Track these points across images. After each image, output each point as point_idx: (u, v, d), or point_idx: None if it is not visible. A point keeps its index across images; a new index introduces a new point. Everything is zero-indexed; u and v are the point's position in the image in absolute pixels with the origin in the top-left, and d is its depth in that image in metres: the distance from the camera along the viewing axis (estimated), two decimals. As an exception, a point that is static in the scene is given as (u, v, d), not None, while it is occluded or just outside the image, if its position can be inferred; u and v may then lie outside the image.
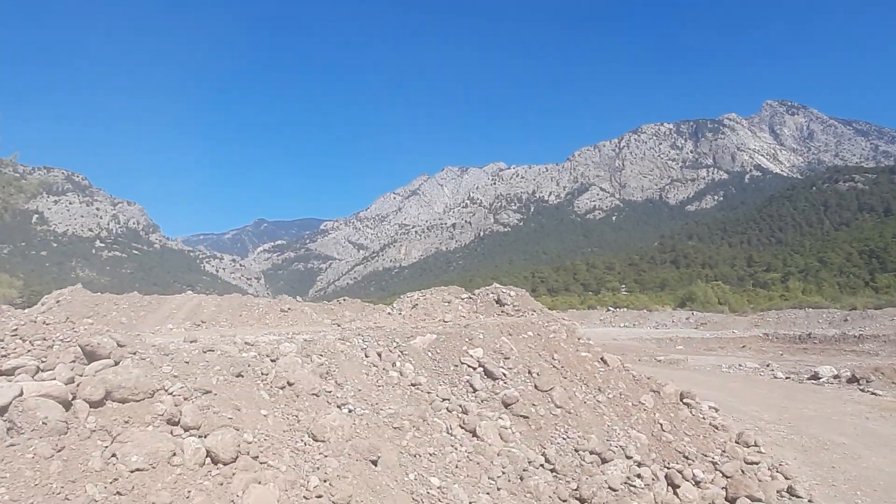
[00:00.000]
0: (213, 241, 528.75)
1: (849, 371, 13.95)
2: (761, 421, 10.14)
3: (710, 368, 16.02)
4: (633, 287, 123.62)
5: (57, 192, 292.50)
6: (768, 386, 13.64)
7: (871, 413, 10.60)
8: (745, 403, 11.56)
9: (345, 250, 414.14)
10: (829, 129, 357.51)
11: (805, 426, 9.75)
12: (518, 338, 9.50)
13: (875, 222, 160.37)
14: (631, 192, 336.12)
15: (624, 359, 15.89)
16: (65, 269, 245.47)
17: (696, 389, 12.95)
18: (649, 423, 8.50)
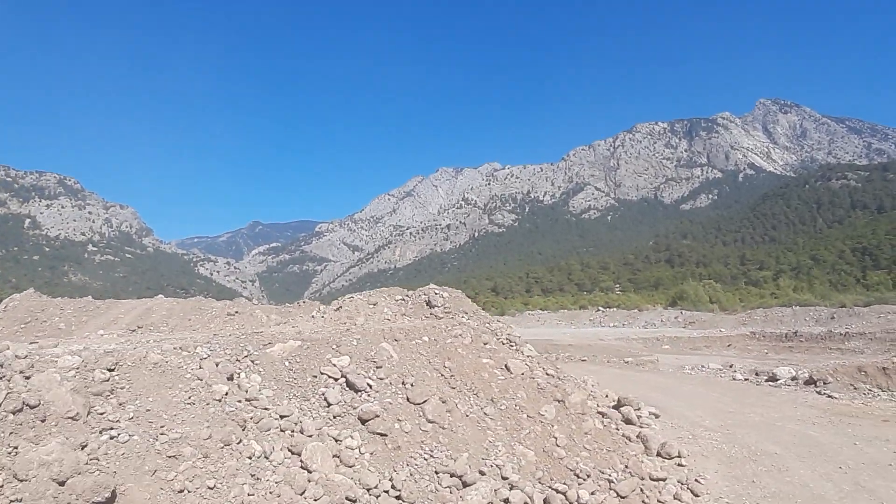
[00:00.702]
0: (207, 244, 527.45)
1: (807, 372, 13.57)
2: (700, 427, 9.70)
3: (673, 370, 15.60)
4: (628, 286, 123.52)
5: (49, 197, 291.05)
6: (724, 389, 13.21)
7: (820, 418, 10.05)
8: (691, 408, 11.10)
9: (340, 252, 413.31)
10: (822, 127, 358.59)
11: (742, 433, 9.24)
12: (407, 343, 8.69)
13: (868, 220, 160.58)
14: (626, 192, 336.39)
15: (595, 359, 15.32)
16: (57, 273, 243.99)
17: (649, 394, 12.50)
18: (543, 438, 7.76)
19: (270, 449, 6.26)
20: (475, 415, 7.75)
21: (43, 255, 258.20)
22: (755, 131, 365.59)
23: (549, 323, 47.17)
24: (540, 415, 8.18)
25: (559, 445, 7.71)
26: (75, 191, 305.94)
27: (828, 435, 8.87)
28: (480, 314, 11.37)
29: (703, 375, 15.22)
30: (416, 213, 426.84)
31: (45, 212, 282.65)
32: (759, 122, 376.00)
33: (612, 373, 15.50)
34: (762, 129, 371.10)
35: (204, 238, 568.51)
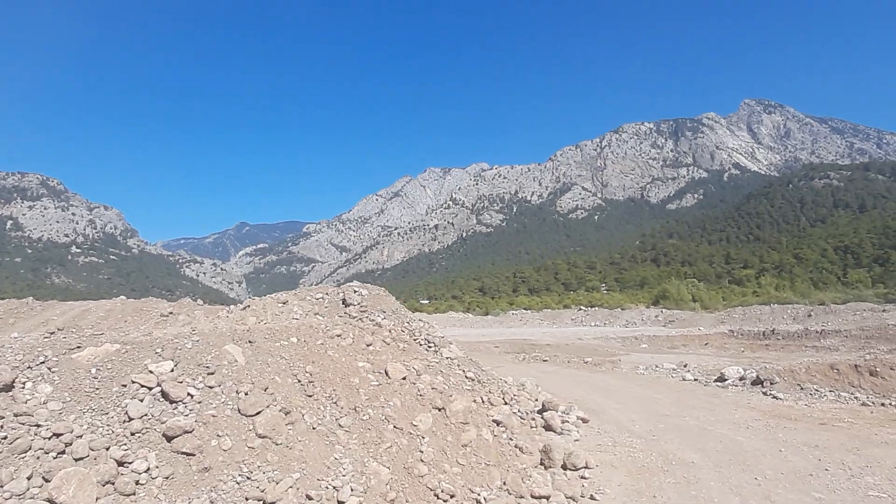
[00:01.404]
0: (194, 245, 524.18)
1: (754, 372, 13.44)
2: (626, 433, 9.28)
3: (629, 370, 15.47)
4: (614, 286, 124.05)
5: (32, 198, 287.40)
6: (670, 390, 12.94)
7: (757, 421, 9.66)
8: (627, 411, 10.73)
9: (327, 253, 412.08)
10: (805, 127, 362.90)
11: (668, 439, 8.78)
12: (266, 345, 7.74)
13: (850, 218, 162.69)
14: (613, 192, 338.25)
15: (562, 359, 15.07)
16: (40, 275, 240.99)
17: (591, 396, 12.25)
18: (407, 452, 6.88)
19: (10, 477, 5.07)
20: (325, 427, 6.80)
21: (25, 258, 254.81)
22: (740, 131, 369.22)
23: (532, 322, 47.13)
24: (412, 425, 7.38)
25: (424, 461, 6.85)
26: (58, 192, 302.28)
27: (756, 441, 8.39)
28: (401, 313, 10.94)
29: (654, 376, 14.97)
30: (404, 213, 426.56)
31: (27, 213, 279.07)
32: (744, 123, 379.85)
33: (567, 373, 15.34)
34: (747, 129, 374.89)
35: (190, 239, 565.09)
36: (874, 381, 18.62)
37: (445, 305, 75.89)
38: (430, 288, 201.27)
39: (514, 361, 18.72)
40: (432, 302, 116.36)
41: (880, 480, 7.02)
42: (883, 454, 7.78)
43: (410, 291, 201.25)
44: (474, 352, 21.51)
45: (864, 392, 13.86)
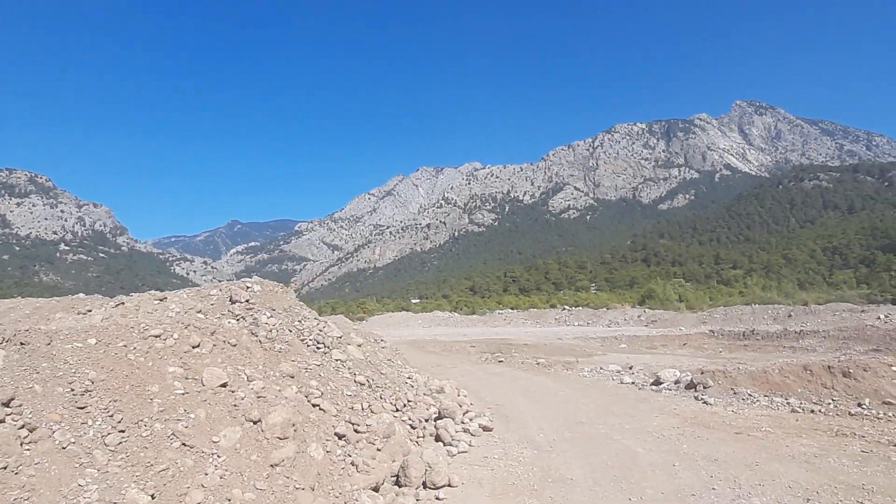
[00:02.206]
0: (185, 243, 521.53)
1: (689, 375, 13.12)
2: (524, 444, 8.56)
3: (573, 372, 15.16)
4: (603, 285, 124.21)
5: (20, 195, 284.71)
6: (601, 394, 12.41)
7: (671, 430, 8.98)
8: (542, 418, 10.14)
9: (319, 251, 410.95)
10: (795, 128, 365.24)
11: (563, 451, 8.08)
12: (44, 348, 6.52)
13: (839, 219, 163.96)
14: (605, 192, 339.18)
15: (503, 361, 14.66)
16: (28, 273, 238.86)
17: (515, 400, 11.88)
18: (187, 475, 5.77)
19: None
20: (80, 447, 5.62)
21: (13, 255, 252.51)
22: (731, 132, 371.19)
23: (516, 322, 46.92)
24: (211, 442, 6.32)
25: (206, 485, 5.75)
26: (47, 189, 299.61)
27: (656, 453, 7.85)
28: (294, 311, 10.38)
29: (595, 379, 14.56)
30: (396, 212, 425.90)
31: (15, 210, 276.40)
32: (735, 124, 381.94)
33: (511, 375, 15.00)
34: (738, 130, 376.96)
35: (181, 237, 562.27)
36: (847, 383, 18.55)
37: (433, 305, 75.69)
38: (421, 287, 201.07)
39: (475, 362, 18.38)
40: (422, 301, 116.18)
41: (768, 501, 6.22)
42: (782, 470, 7.09)
43: (402, 290, 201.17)
44: (447, 352, 21.28)
45: (812, 396, 13.52)
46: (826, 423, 9.33)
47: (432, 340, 26.13)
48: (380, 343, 12.41)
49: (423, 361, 19.20)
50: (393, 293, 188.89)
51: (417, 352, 21.54)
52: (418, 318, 53.99)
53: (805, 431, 8.80)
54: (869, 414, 9.60)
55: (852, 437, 8.32)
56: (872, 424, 9.18)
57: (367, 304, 77.21)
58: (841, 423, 9.32)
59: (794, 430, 8.93)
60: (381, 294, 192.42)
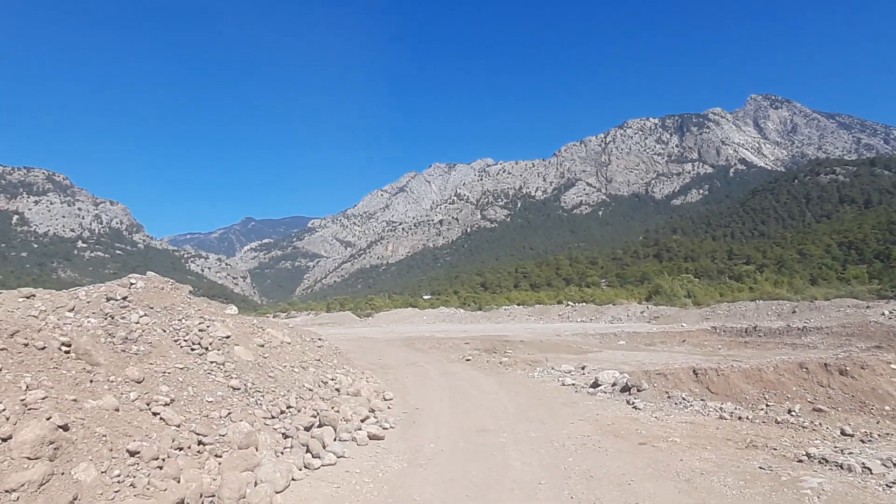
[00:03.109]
0: (199, 240, 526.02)
1: (626, 377, 12.67)
2: (404, 455, 7.88)
3: (521, 374, 14.73)
4: (614, 281, 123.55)
5: (37, 193, 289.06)
6: (530, 398, 11.40)
7: (576, 440, 8.26)
8: (449, 424, 9.44)
9: (332, 248, 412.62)
10: (812, 122, 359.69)
11: (436, 464, 7.40)
12: None
13: (855, 214, 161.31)
14: (617, 187, 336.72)
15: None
16: (46, 270, 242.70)
17: (436, 404, 11.32)
18: None
19: None
20: None
21: (31, 252, 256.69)
22: (746, 126, 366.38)
23: (520, 318, 46.81)
24: None
25: None
26: (64, 187, 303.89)
27: (534, 468, 7.11)
28: (175, 309, 9.90)
29: (539, 380, 14.07)
30: (408, 208, 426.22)
31: (33, 208, 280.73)
32: (750, 118, 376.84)
33: (464, 376, 14.74)
34: (753, 124, 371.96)
35: (196, 234, 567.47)
36: (844, 381, 18.24)
37: (440, 301, 75.70)
38: (433, 283, 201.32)
39: (446, 360, 18.24)
40: (433, 297, 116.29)
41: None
42: (652, 491, 6.38)
43: (414, 287, 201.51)
44: (435, 349, 21.27)
45: (754, 401, 12.93)
46: (745, 433, 8.63)
47: (430, 337, 26.12)
48: (314, 342, 12.26)
49: (397, 358, 19.21)
50: (405, 289, 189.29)
51: (401, 349, 21.55)
52: (424, 314, 54.11)
53: (715, 442, 8.08)
54: (795, 422, 8.87)
55: (762, 450, 7.60)
56: (792, 434, 8.43)
57: (375, 301, 77.47)
58: (760, 433, 8.64)
59: (705, 440, 8.23)
60: (393, 290, 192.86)
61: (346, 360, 13.21)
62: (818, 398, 17.77)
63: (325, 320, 57.94)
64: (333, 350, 12.83)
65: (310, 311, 78.76)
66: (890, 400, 17.22)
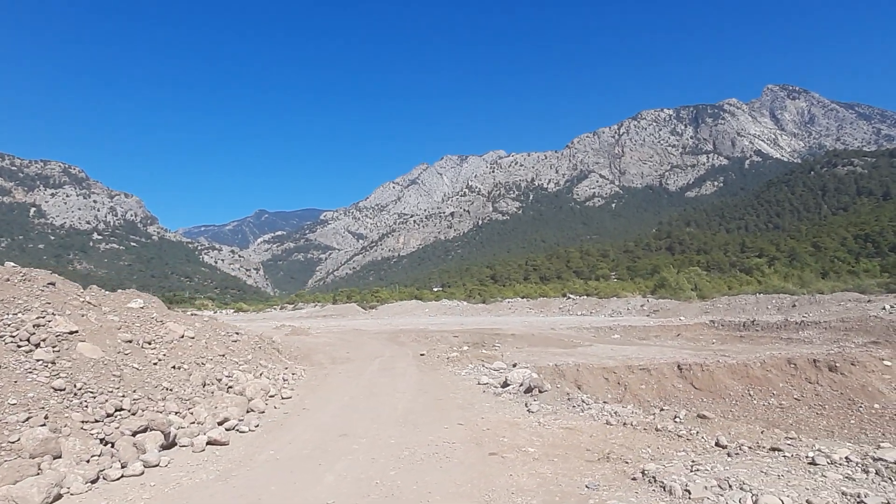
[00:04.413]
0: (214, 232, 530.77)
1: (535, 376, 12.05)
2: (224, 468, 7.27)
3: (450, 371, 14.28)
4: (625, 274, 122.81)
5: (54, 185, 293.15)
6: (431, 398, 10.73)
7: (429, 447, 7.65)
8: (319, 429, 8.82)
9: (344, 240, 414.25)
10: (830, 113, 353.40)
11: (244, 479, 6.76)
12: None
13: (873, 206, 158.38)
14: (630, 179, 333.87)
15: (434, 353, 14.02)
16: (62, 261, 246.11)
17: (331, 405, 10.73)
18: None
19: None
20: None
21: (48, 244, 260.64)
22: (762, 118, 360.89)
23: (520, 311, 46.47)
24: None
25: None
26: (80, 179, 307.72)
27: (339, 485, 6.44)
28: (16, 302, 9.20)
29: (461, 378, 13.39)
30: (420, 200, 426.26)
31: (50, 200, 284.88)
32: (767, 109, 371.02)
33: (401, 372, 14.39)
34: (769, 115, 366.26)
35: (210, 226, 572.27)
36: (833, 378, 17.80)
37: (445, 294, 75.69)
38: (444, 275, 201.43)
39: (409, 355, 17.91)
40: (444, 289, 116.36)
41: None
42: None
43: (425, 279, 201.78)
44: (416, 342, 21.11)
45: (664, 403, 12.19)
46: (613, 442, 7.81)
47: (422, 330, 25.98)
48: (228, 336, 11.93)
49: (368, 352, 19.01)
50: (416, 281, 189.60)
51: (382, 342, 21.27)
52: (427, 306, 53.99)
53: (572, 453, 7.34)
54: (673, 430, 8.01)
55: (613, 462, 6.80)
56: (661, 444, 7.57)
57: (380, 293, 77.56)
58: (629, 443, 7.78)
59: (564, 450, 7.49)
60: (404, 283, 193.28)
61: (269, 354, 12.96)
62: (806, 395, 17.41)
63: (330, 312, 58.05)
64: (254, 344, 12.58)
65: (316, 302, 79.01)
66: (880, 398, 16.78)
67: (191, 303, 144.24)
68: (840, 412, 15.49)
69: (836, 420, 14.84)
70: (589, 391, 16.56)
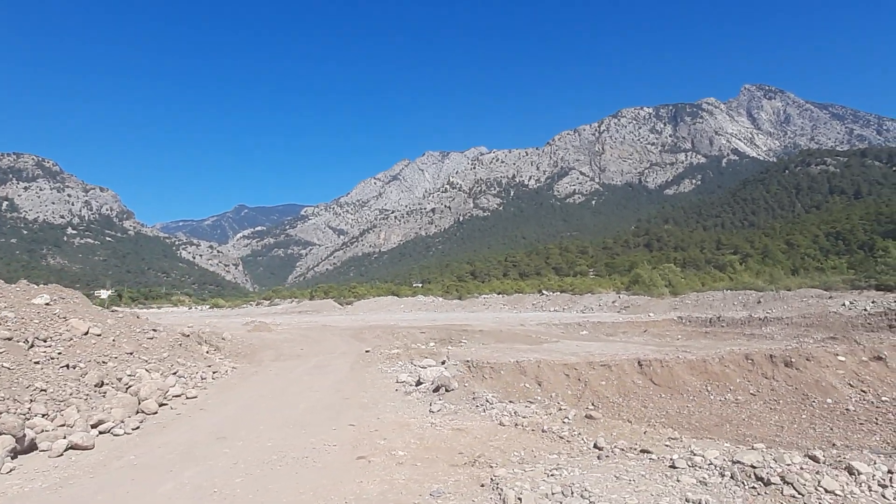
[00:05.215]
0: (192, 227, 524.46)
1: (448, 373, 11.94)
2: (60, 475, 6.74)
3: (379, 368, 14.02)
4: (603, 270, 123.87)
5: (27, 179, 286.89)
6: (348, 397, 10.47)
7: (314, 451, 7.24)
8: (199, 431, 8.38)
9: (325, 236, 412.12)
10: (805, 113, 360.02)
11: (86, 488, 6.32)
12: None
13: (844, 204, 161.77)
14: (610, 177, 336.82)
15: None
16: (35, 256, 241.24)
17: (232, 407, 10.15)
18: None
19: None
20: None
21: (21, 238, 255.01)
22: (739, 117, 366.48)
23: (494, 307, 46.69)
24: None
25: None
26: (54, 173, 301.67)
27: (171, 496, 6.02)
28: None
29: (381, 376, 13.09)
30: (401, 196, 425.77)
31: (23, 194, 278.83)
32: (744, 108, 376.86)
33: (331, 369, 14.36)
34: (746, 114, 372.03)
35: (189, 221, 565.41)
36: (788, 373, 18.16)
37: (422, 290, 75.67)
38: (424, 271, 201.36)
39: (352, 352, 17.79)
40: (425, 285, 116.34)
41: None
42: None
43: (405, 275, 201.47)
44: (378, 338, 21.07)
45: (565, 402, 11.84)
46: (495, 444, 7.45)
47: (393, 326, 25.91)
48: (144, 333, 11.62)
49: (323, 348, 18.69)
50: (397, 277, 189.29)
51: (343, 339, 21.05)
52: (402, 302, 53.98)
53: (443, 457, 6.96)
54: (557, 432, 7.69)
55: (478, 467, 6.57)
56: (539, 447, 7.29)
57: (357, 289, 77.32)
58: (507, 445, 7.48)
59: (438, 452, 7.17)
60: (384, 278, 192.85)
61: (190, 352, 12.73)
62: (762, 390, 17.73)
63: (306, 308, 57.74)
64: (172, 342, 12.33)
65: (293, 298, 78.55)
66: (833, 392, 17.15)
67: (167, 298, 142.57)
68: (793, 407, 15.77)
69: (788, 415, 15.09)
70: (549, 388, 16.71)
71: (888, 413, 15.56)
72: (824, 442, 13.39)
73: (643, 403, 16.33)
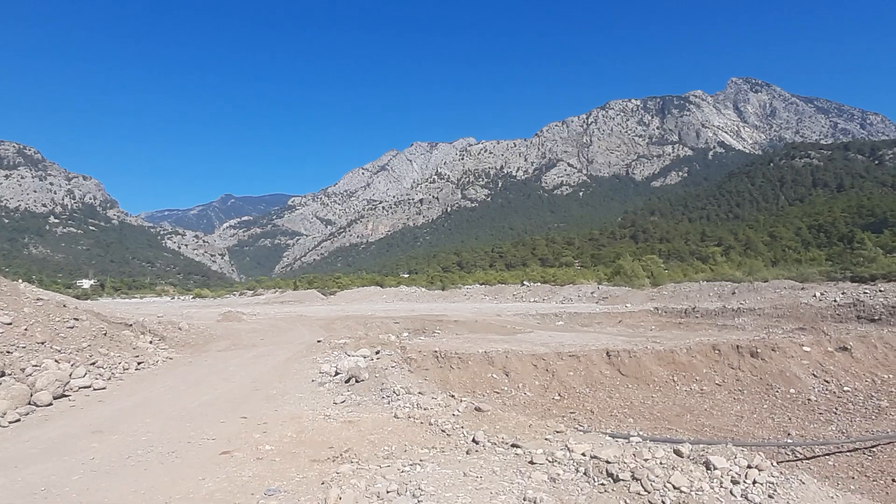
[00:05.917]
0: (178, 217, 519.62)
1: (354, 367, 11.69)
2: None
3: (315, 359, 13.66)
4: (588, 262, 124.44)
5: (8, 167, 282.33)
6: (262, 388, 10.10)
7: (180, 446, 6.92)
8: (81, 428, 7.82)
9: (312, 226, 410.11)
10: (790, 106, 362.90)
11: None
12: None
13: (827, 197, 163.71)
14: (598, 168, 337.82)
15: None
16: (17, 246, 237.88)
17: (147, 394, 9.94)
18: None
19: None
20: None
21: (2, 227, 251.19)
22: (726, 110, 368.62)
23: (475, 298, 46.75)
24: None
25: None
26: (36, 161, 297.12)
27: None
28: None
29: (304, 368, 12.60)
30: (389, 187, 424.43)
31: (3, 182, 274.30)
32: (731, 101, 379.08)
33: (269, 359, 14.10)
34: (733, 107, 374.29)
35: (175, 211, 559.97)
36: (754, 363, 18.38)
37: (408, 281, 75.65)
38: (411, 262, 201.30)
39: (311, 343, 17.70)
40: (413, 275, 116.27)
41: None
42: None
43: (393, 265, 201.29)
44: (349, 328, 21.04)
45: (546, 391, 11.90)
46: (372, 438, 7.20)
47: (368, 316, 25.85)
48: (63, 322, 11.33)
49: (286, 338, 18.45)
50: (384, 268, 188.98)
51: (312, 329, 20.77)
52: (384, 293, 53.89)
53: (310, 453, 6.61)
54: (441, 425, 7.37)
55: (340, 462, 6.19)
56: (416, 440, 7.05)
57: (341, 279, 77.14)
58: (392, 440, 7.21)
59: (309, 448, 6.82)
60: (372, 269, 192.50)
61: (116, 342, 12.51)
62: (727, 380, 17.91)
63: (289, 298, 57.48)
64: (96, 331, 12.06)
65: (277, 288, 78.22)
66: (796, 383, 17.36)
67: (151, 288, 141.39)
68: (756, 397, 15.95)
69: (750, 405, 15.26)
70: (517, 378, 16.78)
71: (848, 403, 15.82)
72: (780, 432, 13.58)
73: (609, 394, 16.45)
